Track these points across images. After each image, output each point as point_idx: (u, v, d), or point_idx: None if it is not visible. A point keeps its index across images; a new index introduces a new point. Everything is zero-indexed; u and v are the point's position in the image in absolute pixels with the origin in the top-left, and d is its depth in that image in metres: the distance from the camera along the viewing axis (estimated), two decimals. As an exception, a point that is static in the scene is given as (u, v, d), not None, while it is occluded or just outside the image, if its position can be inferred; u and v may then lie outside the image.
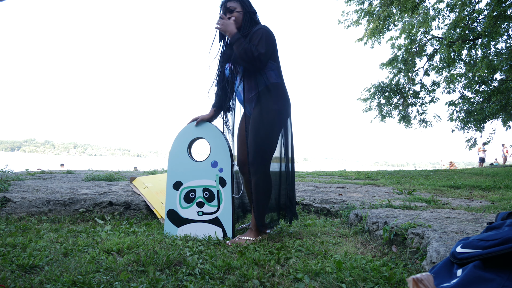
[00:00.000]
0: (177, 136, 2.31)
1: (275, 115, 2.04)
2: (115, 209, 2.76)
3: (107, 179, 4.07)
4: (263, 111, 2.03)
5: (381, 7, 10.47)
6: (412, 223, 1.88)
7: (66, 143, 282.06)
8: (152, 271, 1.45)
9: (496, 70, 10.17)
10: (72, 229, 2.23)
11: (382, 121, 13.77)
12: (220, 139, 2.21)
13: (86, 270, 1.45)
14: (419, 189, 4.53)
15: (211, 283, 1.38)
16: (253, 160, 2.02)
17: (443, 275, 0.87)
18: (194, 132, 2.28)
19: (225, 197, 2.16)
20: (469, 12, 9.97)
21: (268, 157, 2.06)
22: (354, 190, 4.10)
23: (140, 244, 1.86)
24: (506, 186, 4.75)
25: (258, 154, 2.02)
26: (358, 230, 2.25)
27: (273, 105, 2.04)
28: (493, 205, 2.98)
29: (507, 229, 0.88)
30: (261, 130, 2.02)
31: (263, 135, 2.01)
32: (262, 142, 2.02)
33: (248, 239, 2.01)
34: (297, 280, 1.42)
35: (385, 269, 1.47)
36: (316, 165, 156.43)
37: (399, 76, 13.24)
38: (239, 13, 2.13)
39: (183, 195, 2.22)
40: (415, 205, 2.75)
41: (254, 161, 2.02)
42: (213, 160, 2.19)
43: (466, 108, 12.63)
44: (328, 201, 3.18)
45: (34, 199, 2.66)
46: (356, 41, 11.72)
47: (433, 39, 12.39)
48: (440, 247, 1.41)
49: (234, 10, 2.12)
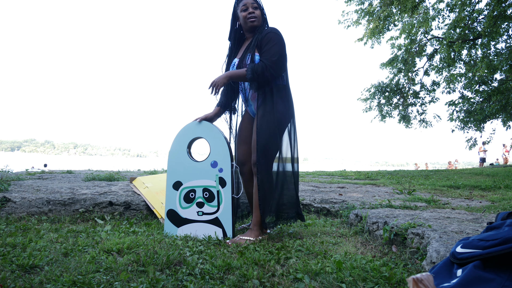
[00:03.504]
0: (177, 135, 2.30)
1: (280, 115, 2.07)
2: (115, 209, 2.76)
3: (107, 179, 4.07)
4: (269, 112, 2.05)
5: (381, 7, 10.47)
6: (412, 223, 1.88)
7: (66, 143, 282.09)
8: (152, 271, 1.45)
9: (496, 70, 10.17)
10: (72, 229, 2.23)
11: (382, 121, 13.77)
12: (220, 139, 2.20)
13: (86, 270, 1.45)
14: (419, 189, 4.53)
15: (211, 283, 1.38)
16: (258, 159, 2.04)
17: (443, 275, 0.87)
18: (194, 131, 2.27)
19: (225, 197, 2.16)
20: (469, 12, 9.97)
21: (272, 157, 2.09)
22: (354, 190, 4.10)
23: (140, 244, 1.86)
24: (506, 186, 4.75)
25: (262, 154, 2.04)
26: (358, 230, 2.25)
27: (278, 106, 2.07)
28: (493, 205, 2.98)
29: (507, 229, 0.88)
30: (266, 130, 2.04)
31: (267, 135, 2.04)
32: (267, 141, 2.04)
33: (248, 239, 2.02)
34: (297, 280, 1.42)
35: (385, 269, 1.47)
36: (316, 165, 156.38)
37: (399, 76, 13.24)
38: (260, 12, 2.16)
39: (183, 195, 2.22)
40: (415, 205, 2.75)
41: (259, 160, 2.03)
42: (213, 160, 2.19)
43: (466, 108, 12.63)
44: (328, 201, 3.18)
45: (34, 199, 2.66)
46: (356, 41, 11.73)
47: (433, 39, 12.39)
48: (440, 247, 1.41)
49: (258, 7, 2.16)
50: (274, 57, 1.99)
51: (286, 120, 2.12)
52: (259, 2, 2.19)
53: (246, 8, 2.13)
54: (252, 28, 2.15)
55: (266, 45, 2.03)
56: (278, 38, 2.04)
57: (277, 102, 2.07)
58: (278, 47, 2.01)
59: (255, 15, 2.12)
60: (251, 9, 2.13)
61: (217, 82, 2.06)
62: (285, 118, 2.10)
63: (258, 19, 2.13)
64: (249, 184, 2.25)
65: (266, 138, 2.03)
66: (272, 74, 2.00)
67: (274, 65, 1.99)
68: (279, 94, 2.08)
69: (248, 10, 2.13)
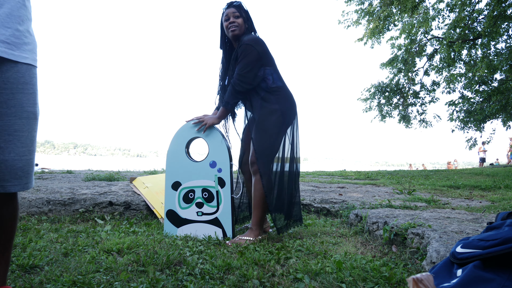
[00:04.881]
0: (175, 135, 2.29)
1: (278, 116, 2.08)
2: (115, 209, 2.76)
3: (107, 179, 4.07)
4: (266, 113, 2.08)
5: (381, 7, 10.47)
6: (412, 223, 1.88)
7: (66, 143, 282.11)
8: (152, 271, 1.45)
9: (496, 70, 10.17)
10: (72, 229, 2.23)
11: (382, 121, 13.77)
12: (218, 139, 2.19)
13: (86, 270, 1.45)
14: (419, 189, 4.53)
15: (211, 283, 1.38)
16: (255, 159, 2.05)
17: (443, 275, 0.87)
18: (192, 131, 2.25)
19: (225, 197, 2.15)
20: (469, 12, 9.97)
21: (270, 157, 2.09)
22: (354, 190, 4.10)
23: (140, 244, 1.86)
24: (506, 186, 4.75)
25: (260, 154, 2.04)
26: (358, 230, 2.25)
27: (275, 106, 2.09)
28: (493, 205, 2.98)
29: (507, 229, 0.88)
30: (264, 131, 2.06)
31: (266, 135, 2.05)
32: (265, 142, 2.05)
33: (248, 239, 2.02)
34: (297, 280, 1.42)
35: (385, 269, 1.47)
36: (316, 165, 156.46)
37: (399, 76, 13.24)
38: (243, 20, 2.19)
39: (182, 195, 2.21)
40: (415, 205, 2.75)
41: (256, 160, 2.04)
42: (211, 160, 2.18)
43: (466, 108, 12.62)
44: (328, 201, 3.18)
45: (34, 199, 2.66)
46: (356, 41, 11.72)
47: (433, 39, 12.39)
48: (440, 247, 1.41)
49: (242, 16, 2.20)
50: (242, 71, 2.08)
51: (285, 120, 2.13)
52: (242, 11, 2.20)
53: (228, 18, 2.20)
54: (234, 37, 2.21)
55: (238, 59, 2.11)
56: (247, 50, 2.08)
57: (274, 103, 2.09)
58: (246, 60, 2.07)
59: (236, 24, 2.18)
60: (232, 18, 2.19)
61: (207, 122, 2.18)
62: (283, 118, 2.11)
63: (239, 27, 2.19)
64: (250, 184, 2.26)
65: (264, 138, 2.05)
66: (244, 86, 2.09)
67: (243, 77, 2.08)
68: (275, 95, 2.11)
69: (230, 20, 2.19)
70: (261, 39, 2.17)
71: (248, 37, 2.13)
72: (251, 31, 2.25)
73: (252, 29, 2.26)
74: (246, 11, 2.23)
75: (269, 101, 2.09)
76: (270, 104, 2.09)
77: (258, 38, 2.15)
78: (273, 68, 2.17)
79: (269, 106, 2.08)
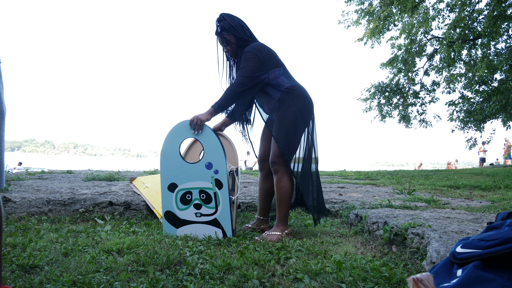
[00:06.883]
0: (167, 135, 2.19)
1: (296, 115, 2.12)
2: (115, 209, 2.76)
3: (107, 179, 4.06)
4: (284, 113, 2.12)
5: (381, 7, 10.46)
6: (412, 223, 1.88)
7: (66, 143, 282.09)
8: (152, 271, 1.45)
9: (496, 70, 10.16)
10: (72, 229, 2.23)
11: (382, 121, 13.77)
12: (214, 140, 2.14)
13: (86, 270, 1.45)
14: (419, 189, 4.53)
15: (211, 283, 1.38)
16: (275, 158, 2.12)
17: (443, 275, 0.87)
18: (186, 132, 2.17)
19: (223, 199, 2.14)
20: (469, 12, 9.97)
21: (290, 156, 2.13)
22: (354, 190, 4.10)
23: (140, 244, 1.86)
24: (506, 186, 4.75)
25: (281, 153, 2.10)
26: (358, 230, 2.25)
27: (293, 107, 2.12)
28: (493, 205, 2.98)
29: (507, 229, 0.88)
30: (284, 131, 2.10)
31: (285, 135, 2.09)
32: (285, 141, 2.09)
33: (276, 234, 2.10)
34: (297, 280, 1.42)
35: (385, 269, 1.47)
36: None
37: (399, 76, 13.23)
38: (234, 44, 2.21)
39: (179, 197, 2.17)
40: (415, 205, 2.75)
41: (276, 159, 2.11)
42: (207, 162, 2.14)
43: (466, 108, 12.62)
44: (328, 201, 3.18)
45: (34, 199, 2.66)
46: (356, 41, 11.72)
47: (433, 39, 12.39)
48: (440, 247, 1.41)
49: (230, 41, 2.21)
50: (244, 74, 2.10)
51: (304, 119, 2.16)
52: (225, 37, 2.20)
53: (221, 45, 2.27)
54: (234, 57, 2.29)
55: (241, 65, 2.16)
56: (249, 56, 2.12)
57: (291, 103, 2.13)
58: (246, 63, 2.11)
59: (227, 50, 2.25)
60: (222, 47, 2.27)
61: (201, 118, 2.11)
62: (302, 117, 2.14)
63: (232, 51, 2.24)
64: (265, 181, 2.34)
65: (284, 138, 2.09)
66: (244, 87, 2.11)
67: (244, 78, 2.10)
68: (291, 95, 2.14)
69: (223, 48, 2.28)
70: (264, 45, 2.18)
71: (250, 46, 2.16)
72: (247, 41, 2.21)
73: (247, 40, 2.21)
74: (229, 29, 2.18)
75: (286, 102, 2.13)
76: (288, 105, 2.12)
77: (259, 45, 2.17)
78: (282, 69, 2.19)
79: (287, 107, 2.12)
